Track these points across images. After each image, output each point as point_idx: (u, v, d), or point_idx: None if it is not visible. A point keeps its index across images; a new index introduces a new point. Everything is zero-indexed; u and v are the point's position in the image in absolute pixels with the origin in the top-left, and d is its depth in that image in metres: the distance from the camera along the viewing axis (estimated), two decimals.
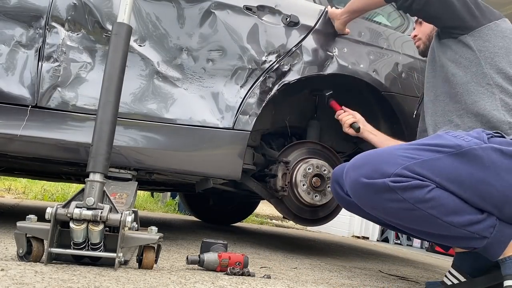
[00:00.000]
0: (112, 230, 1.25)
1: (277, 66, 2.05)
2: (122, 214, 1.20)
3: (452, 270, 1.48)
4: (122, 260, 1.23)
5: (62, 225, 1.21)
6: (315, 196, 2.17)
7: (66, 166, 2.13)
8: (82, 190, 1.22)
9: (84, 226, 1.17)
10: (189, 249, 2.02)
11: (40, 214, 1.25)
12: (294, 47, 2.09)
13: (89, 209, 1.17)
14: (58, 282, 1.00)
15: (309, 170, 2.16)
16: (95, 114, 1.31)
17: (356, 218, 5.53)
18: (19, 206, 3.39)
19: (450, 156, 1.27)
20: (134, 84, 1.86)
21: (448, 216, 1.26)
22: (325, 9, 2.21)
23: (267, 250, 2.41)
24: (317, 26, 2.17)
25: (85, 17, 1.84)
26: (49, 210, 1.18)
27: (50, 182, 5.32)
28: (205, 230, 3.17)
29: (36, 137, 1.73)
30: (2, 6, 1.77)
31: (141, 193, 6.06)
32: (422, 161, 1.26)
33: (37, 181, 5.50)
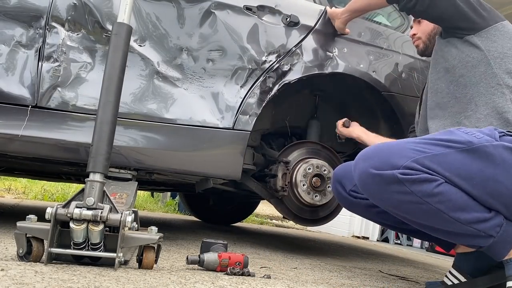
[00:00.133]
0: (112, 230, 1.25)
1: (277, 66, 2.05)
2: (122, 214, 1.20)
3: (452, 270, 1.48)
4: (122, 260, 1.23)
5: (62, 225, 1.21)
6: (315, 196, 2.17)
7: (66, 166, 2.13)
8: (82, 190, 1.22)
9: (84, 226, 1.17)
10: (189, 249, 2.02)
11: (40, 214, 1.25)
12: (294, 47, 2.09)
13: (89, 209, 1.18)
14: (58, 282, 1.00)
15: (309, 170, 2.16)
16: (95, 114, 1.31)
17: (356, 218, 5.52)
18: (19, 206, 3.39)
19: (460, 152, 1.26)
20: (134, 84, 1.86)
21: (455, 212, 1.25)
22: (325, 9, 2.21)
23: (267, 250, 2.41)
24: (317, 26, 2.17)
25: (85, 17, 1.84)
26: (49, 210, 1.18)
27: (50, 182, 5.32)
28: (205, 230, 3.17)
29: (36, 137, 1.73)
30: (2, 6, 1.77)
31: (141, 193, 6.06)
32: (432, 155, 1.25)
33: (37, 181, 5.50)
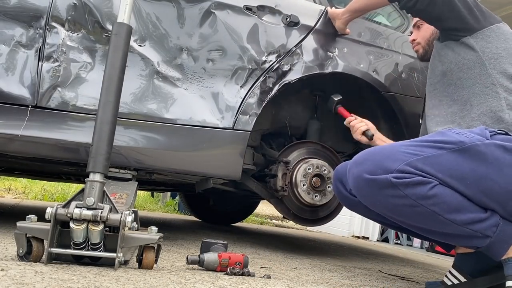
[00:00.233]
0: (112, 230, 1.25)
1: (277, 66, 2.05)
2: (122, 214, 1.20)
3: (452, 270, 1.48)
4: (122, 260, 1.23)
5: (62, 225, 1.21)
6: (315, 196, 2.17)
7: (66, 166, 2.13)
8: (82, 190, 1.22)
9: (84, 226, 1.17)
10: (189, 249, 2.02)
11: (40, 214, 1.25)
12: (294, 47, 2.09)
13: (89, 209, 1.18)
14: (58, 282, 1.00)
15: (309, 170, 2.16)
16: (95, 114, 1.31)
17: (356, 218, 5.52)
18: (19, 206, 3.39)
19: (452, 152, 1.27)
20: (134, 84, 1.87)
21: (450, 213, 1.26)
22: (325, 9, 2.21)
23: (267, 250, 2.41)
24: (317, 26, 2.17)
25: (85, 17, 1.84)
26: (49, 210, 1.18)
27: (50, 182, 5.32)
28: (205, 230, 3.17)
29: (36, 137, 1.73)
30: (2, 6, 1.77)
31: (141, 193, 6.06)
32: (424, 157, 1.26)
33: (37, 181, 5.50)
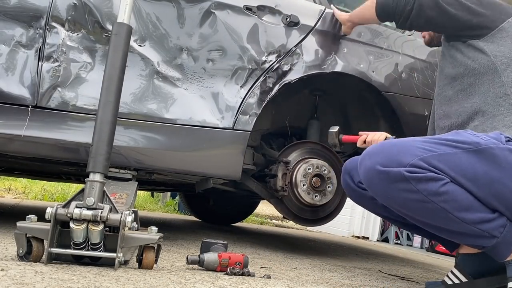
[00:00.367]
0: (112, 230, 1.25)
1: (277, 66, 2.05)
2: (122, 214, 1.20)
3: (454, 270, 1.47)
4: (122, 260, 1.23)
5: (62, 225, 1.21)
6: (315, 196, 2.17)
7: (66, 166, 2.13)
8: (82, 190, 1.22)
9: (84, 226, 1.17)
10: (189, 249, 2.02)
11: (40, 214, 1.25)
12: (294, 47, 2.09)
13: (89, 209, 1.18)
14: (58, 282, 1.00)
15: (309, 170, 2.16)
16: (95, 114, 1.31)
17: (356, 218, 5.52)
18: (19, 206, 3.39)
19: (467, 152, 1.26)
20: (134, 84, 1.87)
21: (459, 211, 1.25)
22: (325, 9, 2.21)
23: (267, 250, 2.41)
24: (317, 26, 2.17)
25: (85, 17, 1.84)
26: (49, 210, 1.18)
27: (50, 182, 5.32)
28: (205, 230, 3.17)
29: (36, 137, 1.73)
30: (2, 6, 1.77)
31: (141, 193, 6.06)
32: (439, 154, 1.25)
33: (37, 181, 5.50)
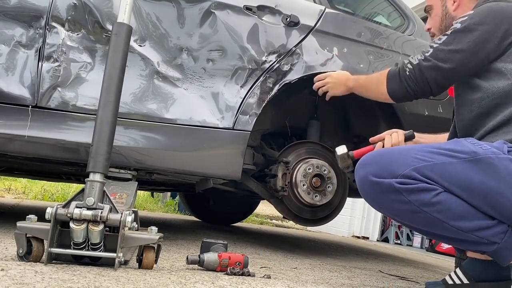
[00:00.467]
0: (112, 230, 1.25)
1: (277, 66, 2.05)
2: (122, 214, 1.20)
3: (458, 271, 1.46)
4: (122, 260, 1.23)
5: (62, 225, 1.21)
6: (315, 196, 2.17)
7: (66, 166, 2.13)
8: (82, 190, 1.22)
9: (84, 226, 1.17)
10: (189, 249, 2.02)
11: (40, 214, 1.25)
12: (294, 47, 2.09)
13: (89, 209, 1.17)
14: (58, 282, 1.00)
15: (309, 170, 2.16)
16: (95, 114, 1.31)
17: (356, 218, 5.52)
18: (19, 206, 3.39)
19: (463, 162, 1.24)
20: (134, 84, 1.86)
21: (455, 220, 1.24)
22: (325, 9, 2.21)
23: (267, 250, 2.41)
24: (317, 26, 2.17)
25: (85, 17, 1.84)
26: (49, 210, 1.18)
27: (50, 182, 5.32)
28: (205, 230, 3.17)
29: (36, 137, 1.73)
30: (2, 6, 1.77)
31: (141, 193, 6.06)
32: (433, 164, 1.23)
33: (37, 181, 5.50)
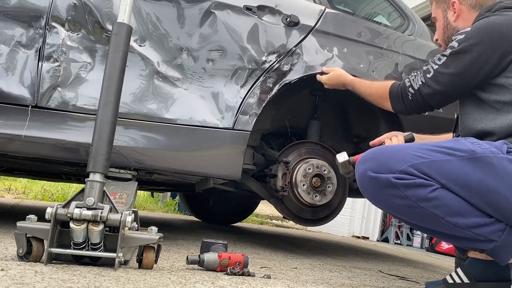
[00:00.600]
0: (112, 230, 1.25)
1: (277, 66, 2.04)
2: (122, 214, 1.20)
3: (458, 271, 1.46)
4: (122, 260, 1.23)
5: (62, 225, 1.21)
6: (315, 196, 2.17)
7: (66, 166, 2.13)
8: (82, 190, 1.22)
9: (84, 226, 1.17)
10: (189, 249, 2.02)
11: (40, 214, 1.25)
12: (294, 47, 2.09)
13: (89, 209, 1.17)
14: (58, 282, 1.00)
15: (309, 170, 2.16)
16: (95, 114, 1.31)
17: (356, 218, 5.52)
18: (19, 206, 3.39)
19: (461, 160, 1.25)
20: (134, 84, 1.86)
21: (452, 216, 1.25)
22: (325, 9, 2.21)
23: (267, 250, 2.41)
24: (317, 26, 2.17)
25: (85, 17, 1.84)
26: (49, 210, 1.18)
27: (50, 182, 5.32)
28: (205, 230, 3.17)
29: (36, 137, 1.73)
30: (2, 6, 1.77)
31: (141, 193, 6.06)
32: (430, 161, 1.25)
33: (37, 181, 5.50)
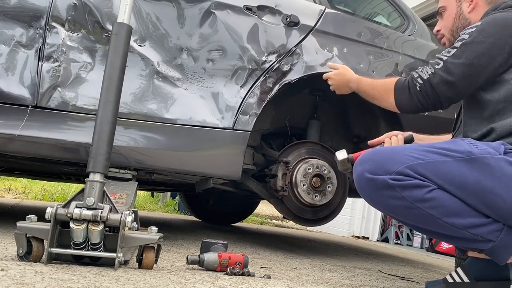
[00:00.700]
0: (112, 230, 1.25)
1: (277, 66, 2.05)
2: (122, 214, 1.20)
3: (459, 270, 1.47)
4: (122, 260, 1.23)
5: (62, 225, 1.21)
6: (315, 196, 2.17)
7: (66, 166, 2.13)
8: (82, 190, 1.22)
9: (84, 226, 1.17)
10: (189, 249, 2.02)
11: (40, 214, 1.25)
12: (294, 47, 2.09)
13: (89, 209, 1.17)
14: (58, 282, 1.00)
15: (309, 170, 2.16)
16: (95, 114, 1.31)
17: (356, 218, 5.52)
18: (19, 206, 3.39)
19: (458, 161, 1.25)
20: (134, 84, 1.87)
21: (448, 217, 1.25)
22: (325, 9, 2.21)
23: (267, 250, 2.41)
24: (317, 26, 2.17)
25: (85, 17, 1.84)
26: (49, 210, 1.18)
27: (50, 182, 5.32)
28: (205, 230, 3.17)
29: (36, 137, 1.73)
30: (2, 6, 1.77)
31: (141, 193, 6.06)
32: (427, 162, 1.25)
33: (37, 181, 5.50)
